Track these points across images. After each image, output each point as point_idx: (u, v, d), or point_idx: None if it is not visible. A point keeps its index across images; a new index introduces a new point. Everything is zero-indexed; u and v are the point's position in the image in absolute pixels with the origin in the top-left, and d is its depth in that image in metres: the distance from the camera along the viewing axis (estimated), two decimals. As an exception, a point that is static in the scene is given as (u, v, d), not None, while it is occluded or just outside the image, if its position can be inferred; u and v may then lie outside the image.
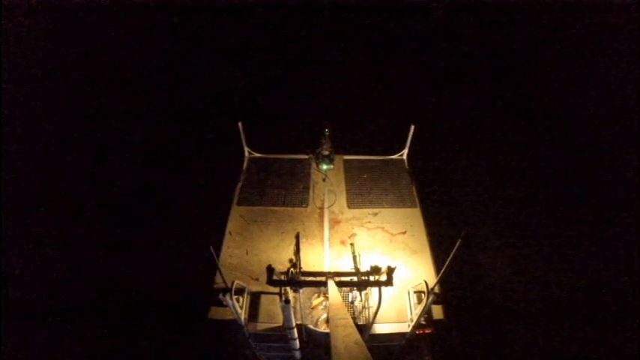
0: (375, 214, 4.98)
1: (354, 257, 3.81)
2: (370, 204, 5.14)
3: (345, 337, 2.47)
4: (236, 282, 3.55)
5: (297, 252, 3.54)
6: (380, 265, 3.50)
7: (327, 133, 5.08)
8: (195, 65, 11.63)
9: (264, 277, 3.32)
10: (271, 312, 3.88)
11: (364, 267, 3.67)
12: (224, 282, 3.27)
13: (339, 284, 3.41)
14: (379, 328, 3.84)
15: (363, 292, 3.72)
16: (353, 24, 13.09)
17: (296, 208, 5.05)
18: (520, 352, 6.17)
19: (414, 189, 5.32)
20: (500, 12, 13.14)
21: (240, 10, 13.22)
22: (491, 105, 10.39)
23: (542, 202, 8.18)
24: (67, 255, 7.20)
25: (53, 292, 6.74)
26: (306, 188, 5.32)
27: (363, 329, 3.77)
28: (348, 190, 5.31)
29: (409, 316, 3.85)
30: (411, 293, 3.90)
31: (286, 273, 3.38)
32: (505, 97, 10.60)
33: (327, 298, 3.86)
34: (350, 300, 4.11)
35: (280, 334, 3.70)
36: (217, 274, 3.90)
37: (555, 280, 6.98)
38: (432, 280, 3.92)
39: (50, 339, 6.17)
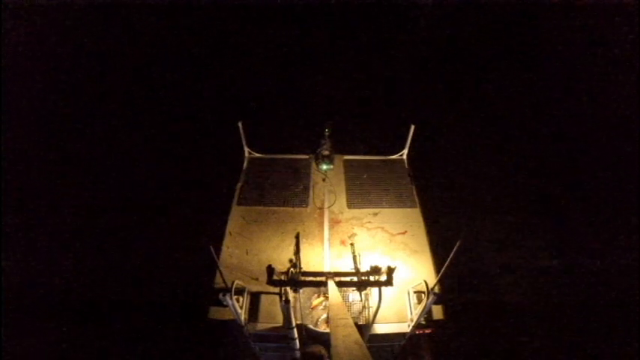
0: (375, 214, 4.98)
1: (354, 257, 3.81)
2: (370, 204, 5.13)
3: (345, 337, 2.47)
4: (236, 282, 3.54)
5: (297, 252, 3.54)
6: (380, 265, 3.50)
7: (327, 133, 5.08)
8: (195, 65, 11.63)
9: (264, 277, 3.32)
10: (271, 312, 3.88)
11: (364, 267, 3.68)
12: (224, 282, 3.26)
13: (339, 284, 3.41)
14: (379, 328, 3.84)
15: (363, 292, 3.72)
16: (353, 23, 13.09)
17: (296, 208, 5.04)
18: (520, 352, 6.17)
19: (414, 189, 5.32)
20: (501, 11, 13.14)
21: (240, 9, 13.22)
22: (491, 104, 10.40)
23: (544, 202, 8.18)
24: (67, 255, 7.20)
25: (52, 293, 6.74)
26: (306, 188, 5.32)
27: (363, 329, 3.77)
28: (348, 190, 5.30)
29: (409, 316, 3.85)
30: (411, 293, 3.90)
31: (286, 273, 3.38)
32: (505, 97, 10.61)
33: (327, 298, 3.86)
34: (350, 300, 4.12)
35: (280, 334, 3.70)
36: (217, 274, 3.89)
37: (556, 279, 6.99)
38: (432, 280, 3.92)
39: (49, 340, 6.17)
